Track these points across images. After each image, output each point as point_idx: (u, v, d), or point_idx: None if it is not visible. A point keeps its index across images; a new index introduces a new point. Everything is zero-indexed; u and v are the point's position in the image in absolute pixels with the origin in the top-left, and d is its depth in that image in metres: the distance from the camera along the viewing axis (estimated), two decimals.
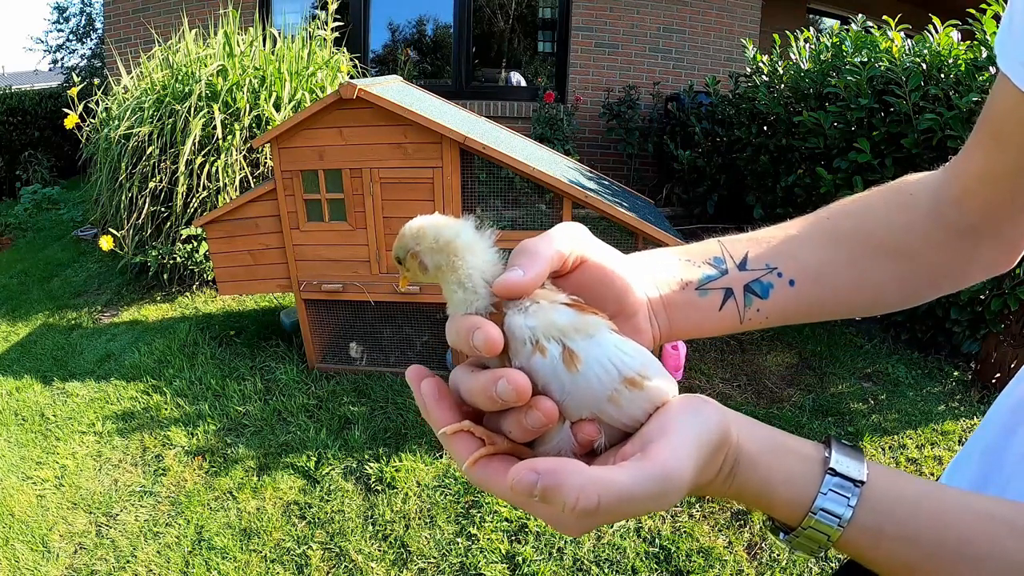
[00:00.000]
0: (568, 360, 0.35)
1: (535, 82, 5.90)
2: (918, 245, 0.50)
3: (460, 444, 0.38)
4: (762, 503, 0.38)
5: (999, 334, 2.56)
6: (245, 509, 2.07)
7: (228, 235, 2.59)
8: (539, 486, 0.32)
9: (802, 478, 0.37)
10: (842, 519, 0.36)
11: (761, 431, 0.38)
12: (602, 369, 0.36)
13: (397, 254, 0.42)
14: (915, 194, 0.51)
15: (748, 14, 5.69)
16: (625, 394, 0.36)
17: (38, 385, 2.86)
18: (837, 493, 0.36)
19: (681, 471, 0.33)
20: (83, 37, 9.30)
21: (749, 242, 0.49)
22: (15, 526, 2.06)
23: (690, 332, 0.48)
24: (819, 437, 2.02)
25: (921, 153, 2.72)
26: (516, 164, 2.32)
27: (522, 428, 0.36)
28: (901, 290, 0.51)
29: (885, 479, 0.38)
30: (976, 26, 2.56)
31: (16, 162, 6.55)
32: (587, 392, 0.36)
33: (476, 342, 0.36)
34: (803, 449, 0.39)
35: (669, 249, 0.49)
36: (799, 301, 0.48)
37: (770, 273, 0.48)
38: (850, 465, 0.37)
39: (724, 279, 0.47)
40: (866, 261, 0.50)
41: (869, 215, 0.51)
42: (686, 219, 4.79)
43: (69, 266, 4.29)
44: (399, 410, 2.52)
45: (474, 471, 0.37)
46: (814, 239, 0.50)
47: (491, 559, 1.85)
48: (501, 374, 0.35)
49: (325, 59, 4.02)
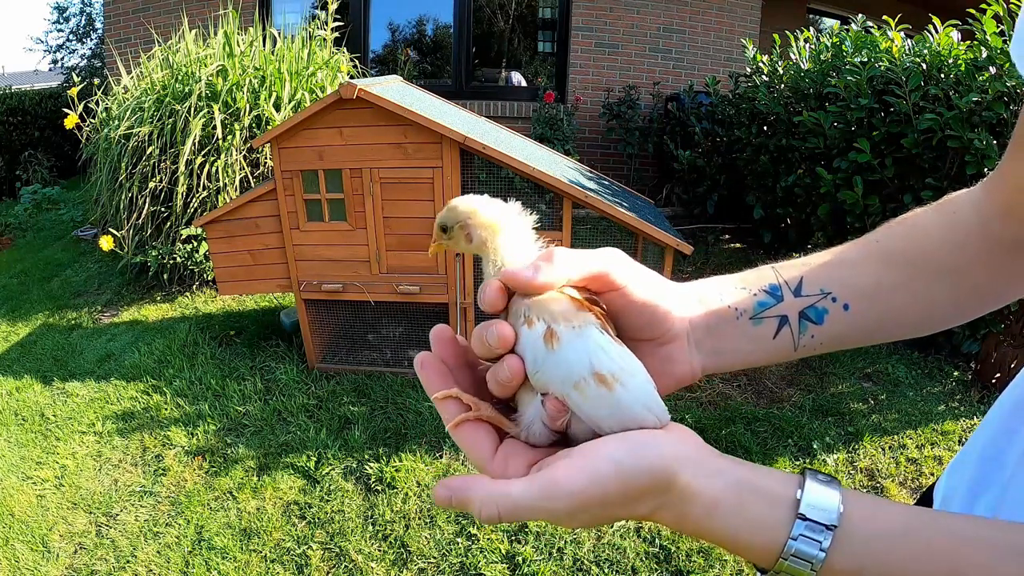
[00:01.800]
0: (548, 337, 0.38)
1: (535, 82, 5.90)
2: (967, 263, 0.49)
3: (448, 408, 0.42)
4: (727, 547, 0.38)
5: (999, 334, 2.56)
6: (245, 509, 2.07)
7: (228, 235, 2.59)
8: (453, 500, 0.38)
9: (771, 524, 0.37)
10: (815, 563, 0.35)
11: (726, 476, 0.37)
12: (575, 356, 0.38)
13: (445, 223, 0.45)
14: (958, 212, 0.51)
15: (748, 14, 5.69)
16: (592, 387, 0.38)
17: (38, 385, 2.86)
18: (808, 538, 0.36)
19: (568, 490, 0.35)
20: (83, 37, 9.30)
21: (803, 267, 0.49)
22: (15, 526, 2.06)
23: (740, 363, 0.48)
24: (819, 437, 2.00)
25: (921, 153, 2.72)
26: (516, 164, 2.32)
27: (495, 381, 0.40)
28: (952, 309, 0.51)
29: (863, 515, 0.37)
30: (976, 26, 2.56)
31: (16, 162, 6.55)
32: (555, 371, 0.38)
33: (480, 298, 0.41)
34: (773, 489, 0.38)
35: (723, 277, 0.49)
36: (853, 326, 0.48)
37: (825, 298, 0.47)
38: (822, 506, 0.36)
39: (779, 306, 0.47)
40: (919, 282, 0.49)
41: (919, 235, 0.50)
42: (686, 219, 4.78)
43: (69, 266, 4.29)
44: (399, 410, 2.52)
45: (457, 432, 0.42)
46: (867, 262, 0.49)
47: (491, 559, 1.85)
48: (492, 324, 0.40)
49: (325, 59, 4.02)
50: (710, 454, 0.38)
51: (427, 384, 0.43)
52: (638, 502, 0.36)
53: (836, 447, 2.28)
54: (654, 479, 0.36)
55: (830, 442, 2.30)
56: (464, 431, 0.41)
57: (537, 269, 0.39)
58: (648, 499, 0.36)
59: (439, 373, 0.43)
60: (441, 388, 0.42)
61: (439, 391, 0.42)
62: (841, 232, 3.21)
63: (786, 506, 0.37)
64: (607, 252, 0.43)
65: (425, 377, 0.43)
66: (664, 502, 0.37)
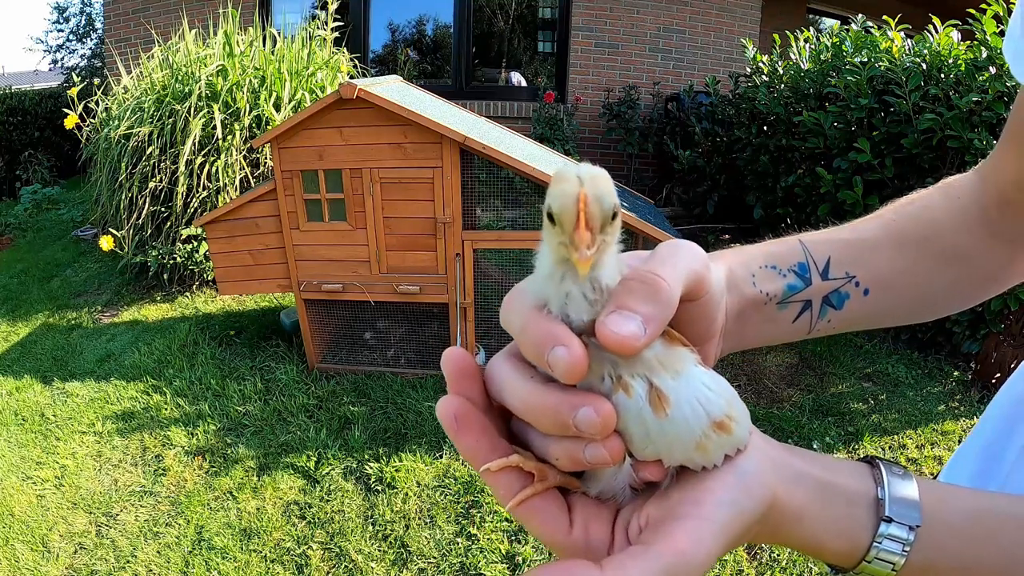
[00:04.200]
0: (656, 403, 0.30)
1: (535, 82, 5.90)
2: (971, 248, 0.50)
3: (504, 480, 0.32)
4: (810, 552, 0.36)
5: (999, 334, 2.56)
6: (245, 509, 2.07)
7: (228, 235, 2.59)
8: None
9: (853, 526, 0.35)
10: (896, 565, 0.35)
11: (807, 480, 0.35)
12: (692, 412, 0.30)
13: (608, 209, 0.29)
14: (961, 197, 0.51)
15: (748, 14, 5.69)
16: (713, 439, 0.31)
17: (38, 385, 2.86)
18: (893, 539, 0.35)
19: (702, 557, 0.30)
20: (83, 37, 9.29)
21: (830, 244, 0.47)
22: (15, 526, 2.06)
23: (755, 344, 0.46)
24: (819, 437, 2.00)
25: (921, 153, 2.72)
26: (516, 164, 2.32)
27: (574, 460, 0.31)
28: (957, 294, 0.51)
29: (935, 504, 0.36)
30: (976, 26, 2.56)
31: (16, 162, 6.55)
32: (675, 440, 0.30)
33: (554, 361, 0.28)
34: (851, 487, 0.36)
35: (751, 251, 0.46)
36: (867, 310, 0.47)
37: (849, 282, 0.47)
38: (906, 504, 0.35)
39: (806, 291, 0.46)
40: (929, 267, 0.49)
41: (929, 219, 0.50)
42: (686, 219, 4.78)
43: (69, 266, 4.29)
44: (399, 410, 2.52)
45: (521, 512, 0.32)
46: (885, 244, 0.49)
47: (491, 559, 1.85)
48: (587, 401, 0.29)
49: (325, 59, 4.02)
50: (783, 452, 0.35)
51: (470, 450, 0.32)
52: (749, 534, 0.33)
53: (836, 447, 2.28)
54: (766, 507, 0.33)
55: (830, 442, 2.30)
56: (533, 506, 0.32)
57: (645, 318, 0.28)
58: (756, 527, 0.33)
59: (483, 432, 0.32)
60: (489, 452, 0.32)
61: (489, 459, 0.32)
62: None
63: (866, 505, 0.35)
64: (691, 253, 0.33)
65: (466, 440, 0.32)
66: (765, 522, 0.34)
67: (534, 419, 0.31)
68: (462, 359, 0.33)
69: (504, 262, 3.05)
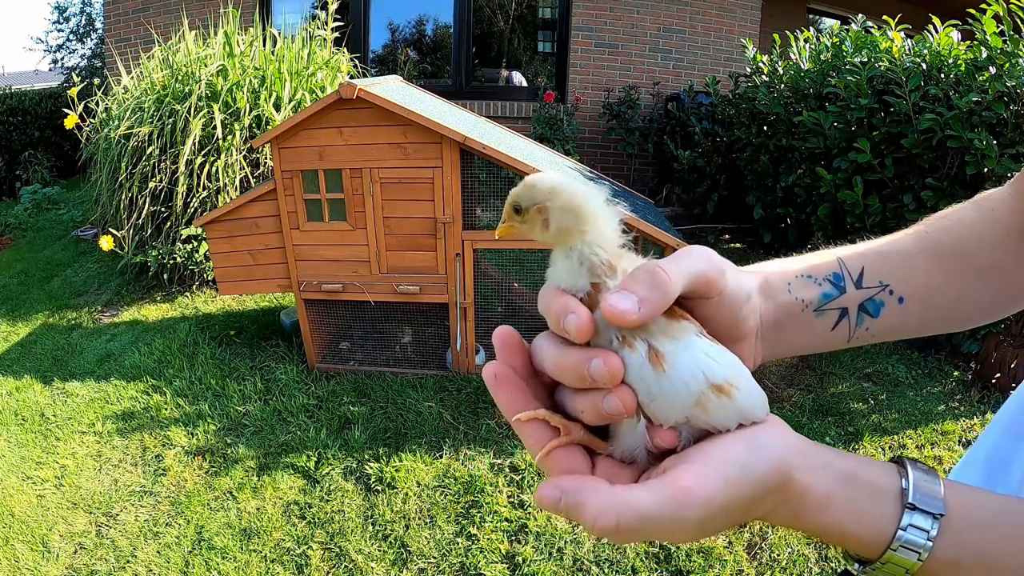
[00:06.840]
0: (654, 360, 0.35)
1: (535, 82, 5.90)
2: (1005, 261, 0.50)
3: (532, 432, 0.37)
4: (834, 540, 0.38)
5: (999, 334, 2.56)
6: (245, 509, 2.07)
7: (228, 235, 2.59)
8: (562, 503, 0.33)
9: (879, 517, 0.37)
10: (921, 554, 0.36)
11: (832, 469, 0.37)
12: (688, 372, 0.35)
13: (519, 203, 0.39)
14: (996, 210, 0.52)
15: (748, 14, 5.70)
16: (713, 400, 0.35)
17: (38, 385, 2.86)
18: (916, 528, 0.36)
19: (702, 498, 0.33)
20: (83, 37, 9.30)
21: (863, 255, 0.49)
22: (15, 526, 2.06)
23: (795, 352, 0.48)
24: (819, 437, 2.00)
25: (921, 153, 2.72)
26: (516, 164, 2.32)
27: (596, 411, 0.36)
28: (992, 306, 0.52)
29: (960, 501, 0.37)
30: (976, 26, 2.56)
31: (16, 162, 6.55)
32: (672, 396, 0.35)
33: (567, 325, 0.35)
34: (878, 480, 0.38)
35: (787, 263, 0.49)
36: (905, 319, 0.49)
37: (883, 291, 0.48)
38: (929, 494, 0.37)
39: (841, 299, 0.47)
40: (964, 278, 0.50)
41: (966, 232, 0.51)
42: (686, 219, 4.79)
43: (69, 266, 4.29)
44: (399, 410, 2.52)
45: (549, 460, 0.37)
46: (920, 256, 0.50)
47: (491, 559, 1.85)
48: (597, 354, 0.35)
49: (325, 59, 4.02)
50: (811, 444, 0.38)
51: (505, 402, 0.38)
52: (760, 503, 0.35)
53: (836, 447, 2.28)
54: (777, 477, 0.35)
55: (830, 442, 2.30)
56: (557, 457, 0.37)
57: (642, 300, 0.34)
58: (769, 499, 0.35)
59: (517, 389, 0.38)
60: (522, 407, 0.37)
61: (521, 412, 0.37)
62: (841, 232, 3.21)
63: (892, 497, 0.37)
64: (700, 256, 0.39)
65: (503, 394, 0.38)
66: (781, 500, 0.36)
67: (561, 375, 0.37)
68: (509, 335, 0.39)
69: (504, 262, 3.05)
